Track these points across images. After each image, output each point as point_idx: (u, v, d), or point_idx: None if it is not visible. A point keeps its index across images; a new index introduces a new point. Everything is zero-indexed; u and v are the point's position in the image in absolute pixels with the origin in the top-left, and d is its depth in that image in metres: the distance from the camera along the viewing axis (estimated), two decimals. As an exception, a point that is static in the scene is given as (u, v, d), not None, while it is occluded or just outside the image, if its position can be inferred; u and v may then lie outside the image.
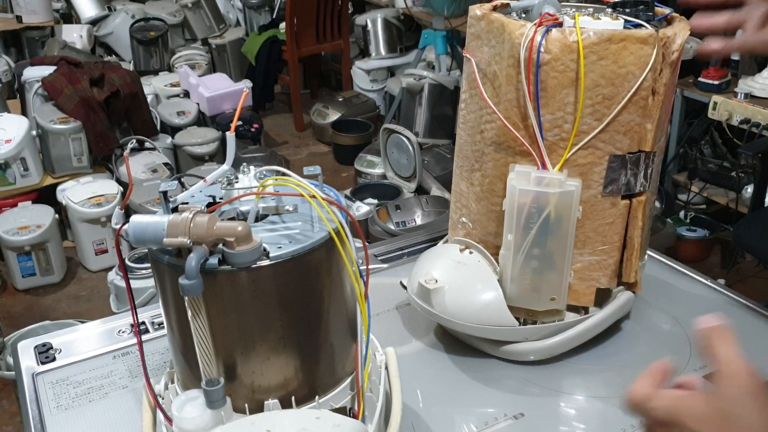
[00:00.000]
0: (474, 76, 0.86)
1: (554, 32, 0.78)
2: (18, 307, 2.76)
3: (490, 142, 0.86)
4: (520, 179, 0.81)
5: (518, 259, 0.83)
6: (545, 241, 0.82)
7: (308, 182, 0.63)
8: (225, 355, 0.62)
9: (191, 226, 0.57)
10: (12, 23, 4.13)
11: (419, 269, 0.93)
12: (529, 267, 0.83)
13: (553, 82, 0.79)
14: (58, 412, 0.83)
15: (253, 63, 4.31)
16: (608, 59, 0.78)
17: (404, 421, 0.70)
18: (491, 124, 0.85)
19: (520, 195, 0.80)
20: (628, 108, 0.80)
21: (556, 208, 0.80)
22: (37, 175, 3.00)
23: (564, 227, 0.81)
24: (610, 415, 0.80)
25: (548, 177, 0.80)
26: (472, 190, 0.92)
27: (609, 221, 0.85)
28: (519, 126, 0.82)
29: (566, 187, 0.80)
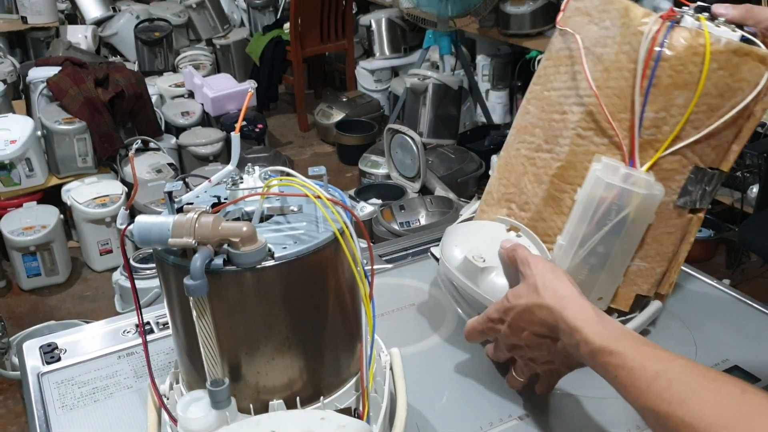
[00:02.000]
0: (578, 53, 0.80)
1: (681, 30, 0.74)
2: (23, 307, 2.77)
3: (574, 125, 0.81)
4: (607, 172, 0.77)
5: (579, 253, 0.80)
6: (614, 240, 0.79)
7: (313, 183, 0.63)
8: (230, 355, 0.62)
9: (196, 227, 0.57)
10: (17, 24, 4.14)
11: (457, 242, 0.86)
12: (588, 263, 0.80)
13: (667, 81, 0.75)
14: (63, 412, 0.83)
15: (257, 63, 4.32)
16: (726, 70, 0.75)
17: (409, 421, 0.70)
18: (581, 108, 0.80)
19: (606, 188, 0.76)
20: (727, 124, 0.77)
21: (636, 210, 0.77)
22: (42, 176, 3.00)
23: (636, 230, 0.79)
24: (615, 415, 0.80)
25: (636, 175, 0.77)
26: (531, 170, 0.85)
27: (669, 231, 0.83)
28: (615, 116, 0.78)
29: (653, 189, 0.77)
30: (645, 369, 0.61)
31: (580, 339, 0.67)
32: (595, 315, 0.68)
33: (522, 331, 0.74)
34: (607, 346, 0.65)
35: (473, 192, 3.26)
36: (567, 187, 0.82)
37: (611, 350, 0.64)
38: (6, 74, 3.76)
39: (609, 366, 0.64)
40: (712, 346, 0.91)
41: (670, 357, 0.62)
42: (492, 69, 3.90)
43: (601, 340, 0.65)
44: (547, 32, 3.58)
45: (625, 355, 0.63)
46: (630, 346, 0.64)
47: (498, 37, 3.71)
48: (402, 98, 3.62)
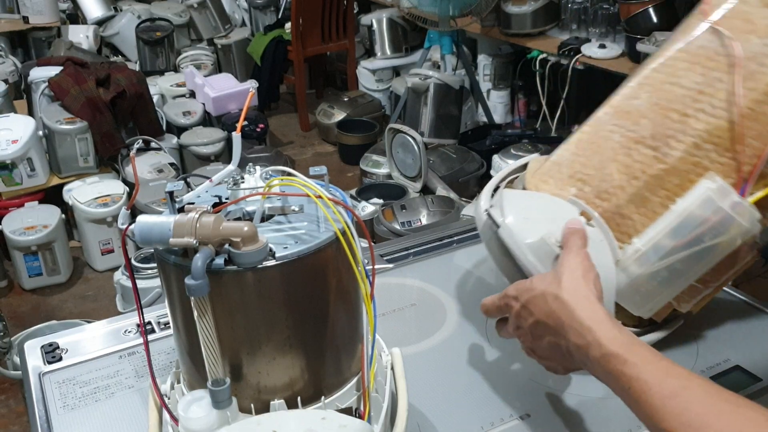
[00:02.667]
0: (729, 62, 0.73)
1: None
2: (24, 306, 2.77)
3: (695, 133, 0.75)
4: (719, 194, 0.73)
5: (656, 264, 0.76)
6: (696, 262, 0.76)
7: (314, 182, 0.63)
8: (231, 355, 0.62)
9: (197, 227, 0.57)
10: (18, 24, 4.15)
11: (529, 216, 0.80)
12: (659, 276, 0.77)
13: None
14: (64, 411, 0.83)
15: (258, 63, 4.32)
16: None
17: (410, 421, 0.70)
18: (710, 118, 0.75)
19: (714, 211, 0.73)
20: None
21: (729, 239, 0.74)
22: (43, 176, 3.01)
23: (717, 257, 0.76)
24: (617, 415, 0.79)
25: (744, 205, 0.73)
26: (623, 161, 0.79)
27: (734, 262, 0.80)
28: (746, 140, 0.73)
29: (754, 224, 0.74)
30: (661, 385, 0.58)
31: (592, 340, 0.64)
32: (610, 320, 0.66)
33: (530, 317, 0.72)
34: (621, 353, 0.61)
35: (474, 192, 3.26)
36: (662, 192, 0.76)
37: (626, 359, 0.61)
38: (7, 74, 3.76)
39: (621, 376, 0.61)
40: (714, 345, 0.91)
41: (689, 375, 0.59)
42: (493, 69, 3.90)
43: (616, 345, 0.62)
44: (548, 32, 3.58)
45: (640, 366, 0.60)
46: (647, 358, 0.61)
47: (499, 36, 3.71)
48: (403, 98, 3.62)
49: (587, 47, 3.28)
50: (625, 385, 0.60)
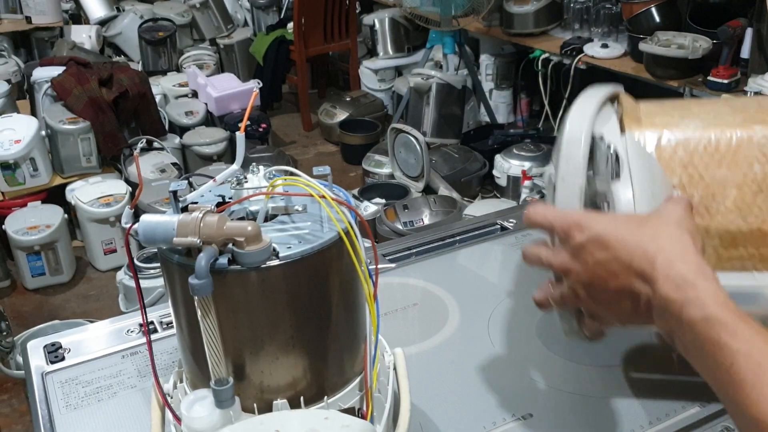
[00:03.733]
0: None
1: None
2: (27, 306, 2.78)
3: None
4: None
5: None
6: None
7: (318, 182, 0.63)
8: (234, 354, 0.62)
9: (201, 226, 0.57)
10: (21, 24, 4.15)
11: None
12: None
13: None
14: (67, 411, 0.83)
15: (261, 63, 4.32)
16: None
17: (412, 421, 0.70)
18: None
19: None
20: None
21: None
22: (46, 175, 3.01)
23: None
24: (619, 415, 0.79)
25: None
26: (746, 195, 0.70)
27: None
28: None
29: None
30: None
31: (693, 297, 0.53)
32: (718, 282, 0.55)
33: (602, 251, 0.59)
34: (730, 322, 0.51)
35: (477, 191, 3.26)
36: (754, 251, 0.69)
37: (735, 330, 0.50)
38: (10, 74, 3.77)
39: (725, 347, 0.50)
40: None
41: None
42: (495, 68, 3.90)
43: (725, 312, 0.52)
44: (550, 31, 3.58)
45: (753, 342, 0.50)
46: (762, 335, 0.50)
47: (501, 36, 3.71)
48: (405, 98, 3.62)
49: (590, 47, 3.28)
50: (728, 360, 0.50)
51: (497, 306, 0.99)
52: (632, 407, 0.80)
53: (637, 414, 0.79)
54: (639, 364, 0.87)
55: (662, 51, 2.86)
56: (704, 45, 2.84)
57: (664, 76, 2.93)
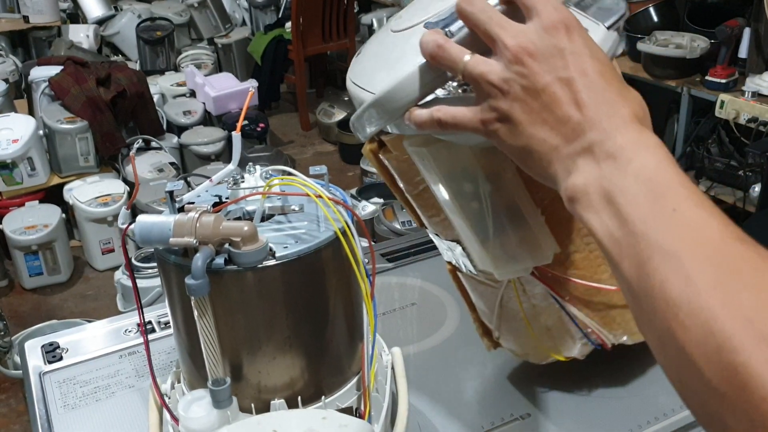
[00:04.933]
0: None
1: None
2: (25, 306, 2.77)
3: None
4: None
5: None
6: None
7: (314, 182, 0.63)
8: (231, 354, 0.62)
9: (197, 226, 0.57)
10: (19, 23, 4.15)
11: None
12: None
13: None
14: (64, 411, 0.83)
15: (259, 62, 4.32)
16: None
17: (410, 421, 0.70)
18: None
19: None
20: None
21: None
22: (44, 175, 3.01)
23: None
24: (618, 414, 0.80)
25: None
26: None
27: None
28: None
29: None
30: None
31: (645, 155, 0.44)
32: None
33: (574, 67, 0.47)
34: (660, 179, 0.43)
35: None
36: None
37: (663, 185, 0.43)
38: (8, 73, 3.76)
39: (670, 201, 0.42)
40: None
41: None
42: (494, 68, 3.90)
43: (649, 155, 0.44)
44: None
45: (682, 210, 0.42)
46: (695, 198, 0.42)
47: (500, 35, 3.70)
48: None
49: (588, 46, 3.28)
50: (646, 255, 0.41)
51: (495, 305, 0.99)
52: (631, 406, 0.80)
53: (636, 413, 0.79)
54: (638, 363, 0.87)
55: (660, 51, 2.87)
56: (702, 45, 2.84)
57: (662, 75, 2.93)
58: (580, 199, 0.46)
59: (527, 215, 0.64)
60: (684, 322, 0.39)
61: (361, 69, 0.65)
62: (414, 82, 0.53)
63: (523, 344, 0.79)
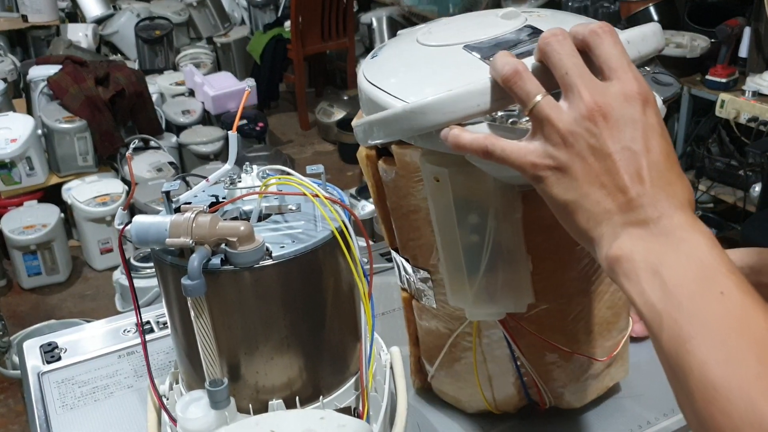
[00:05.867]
0: None
1: None
2: (24, 306, 2.77)
3: None
4: None
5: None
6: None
7: (311, 181, 0.62)
8: (229, 355, 0.62)
9: (193, 226, 0.57)
10: (17, 22, 4.15)
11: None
12: None
13: None
14: (63, 411, 0.83)
15: (258, 62, 4.32)
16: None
17: (409, 421, 0.70)
18: None
19: None
20: None
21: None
22: (42, 175, 3.01)
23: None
24: (618, 414, 0.79)
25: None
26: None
27: None
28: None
29: None
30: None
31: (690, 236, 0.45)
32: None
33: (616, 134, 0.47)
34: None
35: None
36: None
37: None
38: (6, 73, 3.76)
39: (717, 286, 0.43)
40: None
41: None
42: (493, 67, 3.90)
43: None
44: (548, 30, 3.58)
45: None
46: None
47: (499, 35, 3.70)
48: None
49: (587, 45, 3.28)
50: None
51: (494, 305, 0.98)
52: (631, 406, 0.80)
53: (636, 413, 0.79)
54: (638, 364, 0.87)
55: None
56: (702, 44, 2.84)
57: (662, 74, 2.93)
58: (625, 265, 0.46)
59: (518, 260, 0.64)
60: (724, 407, 0.40)
61: (384, 74, 0.62)
62: (468, 100, 0.52)
63: (459, 390, 0.78)
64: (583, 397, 0.77)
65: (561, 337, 0.71)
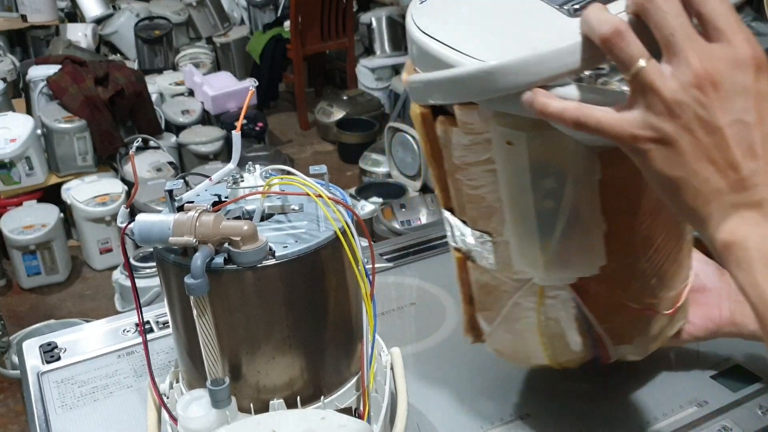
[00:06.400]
0: None
1: None
2: (23, 306, 2.77)
3: None
4: None
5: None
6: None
7: (314, 181, 0.63)
8: (230, 354, 0.62)
9: (197, 225, 0.57)
10: (17, 22, 4.14)
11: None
12: None
13: None
14: (63, 411, 0.83)
15: (257, 61, 4.32)
16: None
17: (409, 421, 0.70)
18: None
19: None
20: None
21: None
22: (42, 174, 3.00)
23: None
24: (617, 414, 0.79)
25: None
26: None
27: None
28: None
29: None
30: None
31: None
32: None
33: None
34: None
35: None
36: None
37: None
38: (6, 72, 3.76)
39: None
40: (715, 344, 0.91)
41: None
42: (492, 67, 3.89)
43: None
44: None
45: None
46: None
47: (499, 35, 3.70)
48: (403, 96, 3.61)
49: (587, 46, 3.27)
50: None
51: (494, 305, 0.99)
52: (629, 407, 0.80)
53: (634, 413, 0.79)
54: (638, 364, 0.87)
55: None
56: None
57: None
58: (737, 253, 0.44)
59: (594, 223, 0.60)
60: None
61: (442, 23, 0.54)
62: (556, 60, 0.46)
63: (518, 347, 0.77)
64: (646, 349, 0.75)
65: (628, 293, 0.68)
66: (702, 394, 0.78)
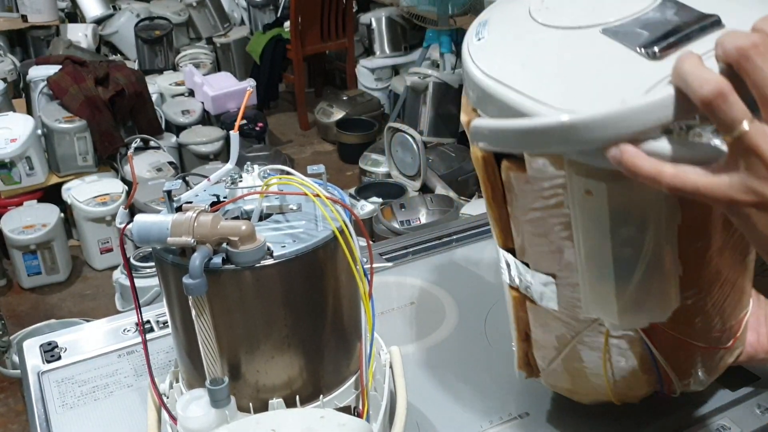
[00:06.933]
0: None
1: None
2: (24, 305, 2.77)
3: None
4: None
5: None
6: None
7: (312, 181, 0.63)
8: (229, 354, 0.62)
9: (195, 226, 0.57)
10: (17, 23, 4.14)
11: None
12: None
13: None
14: (63, 410, 0.83)
15: (257, 62, 4.32)
16: None
17: (409, 420, 0.70)
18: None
19: None
20: None
21: None
22: (42, 174, 3.01)
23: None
24: (615, 413, 0.80)
25: None
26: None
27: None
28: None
29: None
30: None
31: None
32: None
33: None
34: None
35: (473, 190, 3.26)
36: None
37: None
38: (6, 73, 3.76)
39: None
40: (713, 344, 0.91)
41: None
42: (492, 67, 3.89)
43: None
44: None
45: None
46: None
47: (498, 35, 3.70)
48: (402, 97, 3.61)
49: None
50: None
51: (494, 305, 0.99)
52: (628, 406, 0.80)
53: (633, 413, 0.79)
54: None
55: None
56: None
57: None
58: None
59: (671, 267, 0.57)
60: None
61: (507, 65, 0.52)
62: (647, 114, 0.43)
63: (578, 385, 0.74)
64: (709, 380, 0.73)
65: (694, 330, 0.66)
66: (701, 392, 0.78)
